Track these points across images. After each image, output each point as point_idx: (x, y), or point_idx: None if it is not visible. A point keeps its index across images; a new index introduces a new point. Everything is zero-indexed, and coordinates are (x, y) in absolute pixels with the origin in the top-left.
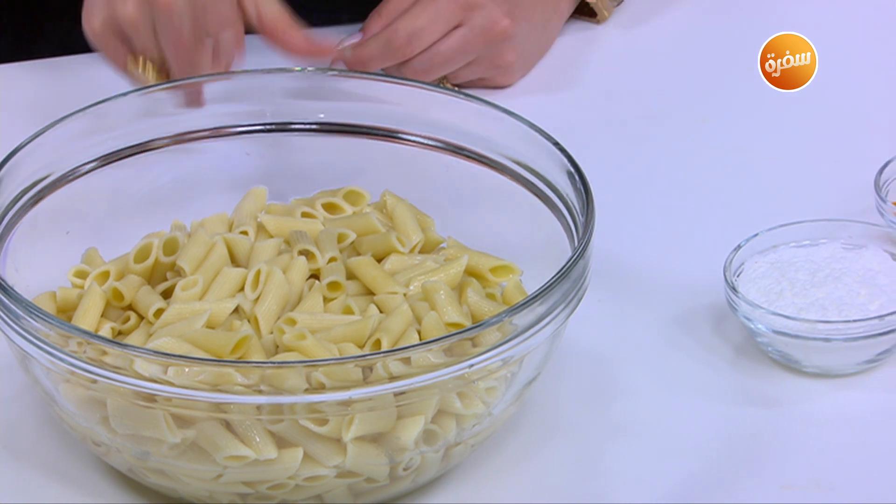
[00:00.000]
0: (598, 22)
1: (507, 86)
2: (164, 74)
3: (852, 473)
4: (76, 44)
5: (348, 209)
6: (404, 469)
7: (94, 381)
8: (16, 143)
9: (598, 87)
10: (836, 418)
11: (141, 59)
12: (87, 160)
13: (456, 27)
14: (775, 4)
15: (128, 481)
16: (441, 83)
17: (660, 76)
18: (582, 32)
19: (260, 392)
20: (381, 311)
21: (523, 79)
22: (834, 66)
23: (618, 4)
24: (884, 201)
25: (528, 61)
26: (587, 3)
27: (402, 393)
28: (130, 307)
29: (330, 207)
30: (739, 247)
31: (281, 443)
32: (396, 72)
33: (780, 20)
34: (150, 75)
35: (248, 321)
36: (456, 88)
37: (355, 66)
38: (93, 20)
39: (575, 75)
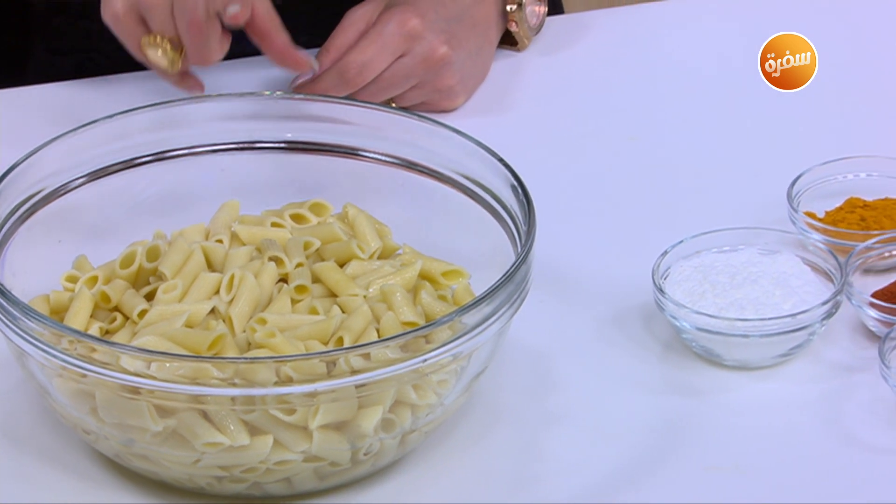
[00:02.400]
0: (518, 50)
1: (451, 109)
2: (178, 52)
3: (768, 455)
4: (63, 72)
5: (313, 219)
6: (365, 454)
7: (84, 376)
8: (12, 161)
9: (530, 109)
10: (754, 406)
11: (158, 37)
12: (76, 176)
13: (400, 56)
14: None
15: (115, 466)
16: (389, 103)
17: (584, 97)
18: (506, 59)
19: (234, 385)
20: (343, 312)
21: (457, 108)
22: (751, 88)
23: (535, 34)
24: (795, 211)
25: (468, 85)
26: (509, 33)
27: (363, 385)
28: (117, 309)
29: (297, 218)
30: (666, 252)
31: (253, 431)
32: (348, 97)
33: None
34: (166, 53)
35: (223, 321)
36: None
37: None
38: (115, 4)
39: (507, 98)
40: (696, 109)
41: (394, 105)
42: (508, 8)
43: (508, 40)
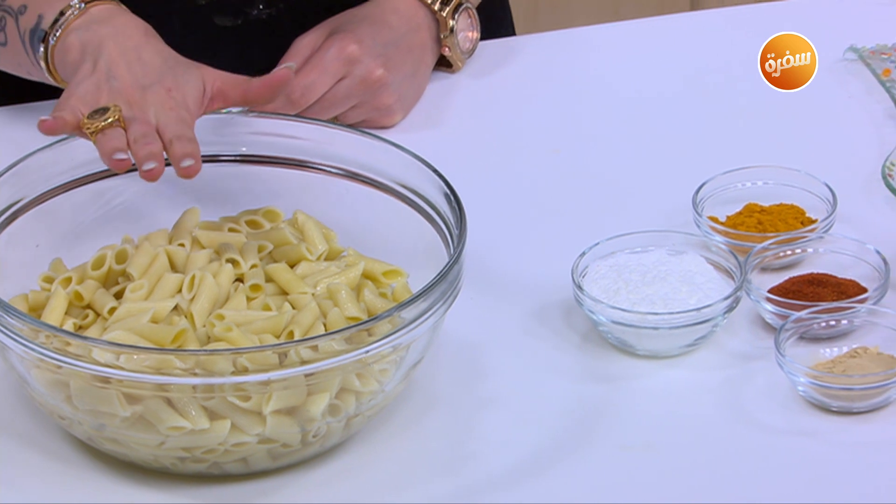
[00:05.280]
0: (452, 71)
1: (389, 126)
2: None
3: (676, 435)
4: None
5: (267, 225)
6: (313, 436)
7: (60, 367)
8: None
9: (462, 124)
10: (663, 391)
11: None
12: (53, 186)
13: (341, 79)
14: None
15: (88, 448)
16: (332, 122)
17: (511, 113)
18: (441, 81)
19: (195, 374)
20: (293, 308)
21: (395, 126)
22: (661, 106)
23: (468, 57)
24: (700, 216)
25: (405, 104)
26: (444, 57)
27: (312, 374)
28: (89, 306)
29: (252, 224)
30: (584, 253)
31: (212, 416)
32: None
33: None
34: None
35: (185, 317)
36: None
37: None
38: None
39: (441, 115)
40: (611, 125)
41: (337, 123)
42: (441, 35)
43: (444, 62)
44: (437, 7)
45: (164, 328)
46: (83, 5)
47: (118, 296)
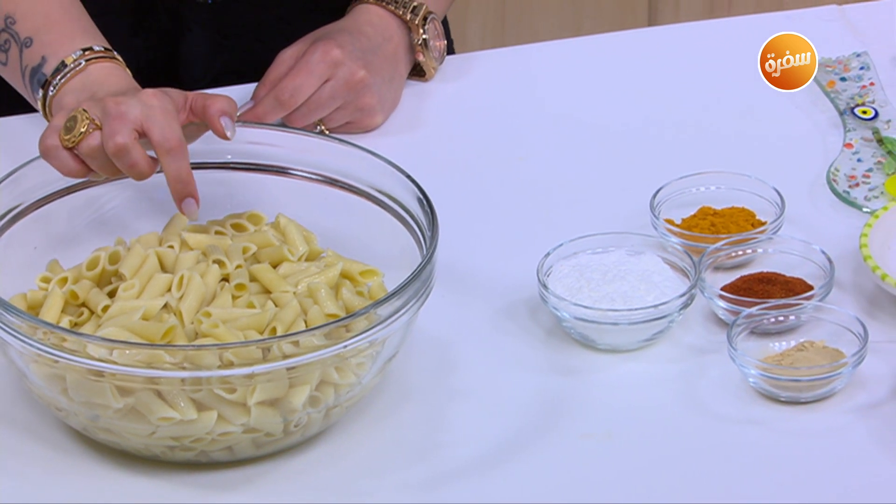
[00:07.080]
0: (425, 80)
1: (373, 128)
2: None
3: (634, 424)
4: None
5: (250, 228)
6: (295, 426)
7: (56, 362)
8: None
9: (434, 134)
10: (622, 383)
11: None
12: (49, 192)
13: (326, 81)
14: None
15: (83, 437)
16: (318, 125)
17: (481, 123)
18: (414, 87)
19: (183, 368)
20: (276, 306)
21: (378, 127)
22: (618, 118)
23: (439, 64)
24: (657, 218)
25: (385, 106)
26: (417, 66)
27: (293, 368)
28: (84, 304)
29: (236, 227)
30: (548, 254)
31: (200, 407)
32: (283, 119)
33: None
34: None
35: (174, 314)
36: (328, 133)
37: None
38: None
39: (416, 122)
40: (574, 134)
41: (322, 126)
42: (414, 40)
43: (417, 72)
44: (408, 17)
45: (155, 325)
46: (83, 62)
47: (111, 295)
